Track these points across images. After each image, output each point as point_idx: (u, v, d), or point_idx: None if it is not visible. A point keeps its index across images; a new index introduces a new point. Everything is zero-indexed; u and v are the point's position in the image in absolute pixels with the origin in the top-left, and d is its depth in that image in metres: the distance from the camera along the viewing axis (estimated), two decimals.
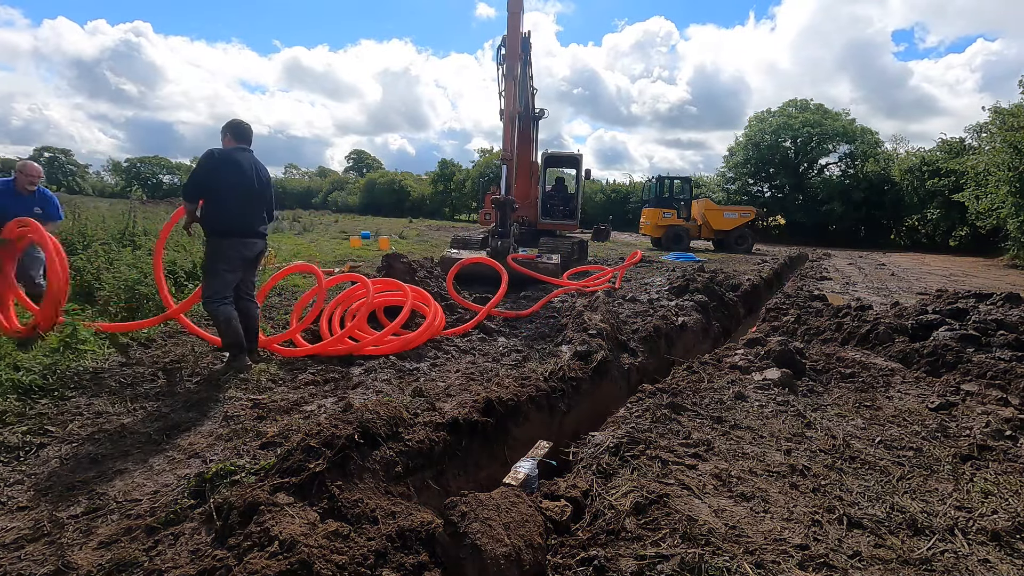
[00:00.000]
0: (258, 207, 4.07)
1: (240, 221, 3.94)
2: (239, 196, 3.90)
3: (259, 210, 4.09)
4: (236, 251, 3.94)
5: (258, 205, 4.07)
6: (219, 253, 3.89)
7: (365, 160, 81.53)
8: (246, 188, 3.94)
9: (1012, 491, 2.39)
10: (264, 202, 4.13)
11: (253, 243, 4.05)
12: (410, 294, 5.20)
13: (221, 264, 3.89)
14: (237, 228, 3.94)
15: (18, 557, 1.92)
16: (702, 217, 21.46)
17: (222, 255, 3.89)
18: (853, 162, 36.11)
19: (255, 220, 4.06)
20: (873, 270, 15.24)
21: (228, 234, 3.90)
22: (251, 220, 4.02)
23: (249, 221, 4.00)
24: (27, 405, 3.10)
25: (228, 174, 3.86)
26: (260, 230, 4.11)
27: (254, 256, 4.13)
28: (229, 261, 3.91)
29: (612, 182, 48.41)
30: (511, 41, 8.21)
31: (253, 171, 4.02)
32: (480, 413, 2.99)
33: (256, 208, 4.05)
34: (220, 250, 3.89)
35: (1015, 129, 17.94)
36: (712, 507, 2.10)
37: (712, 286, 7.82)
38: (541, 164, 13.49)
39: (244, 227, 3.98)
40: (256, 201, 4.04)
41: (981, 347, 4.45)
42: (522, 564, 1.76)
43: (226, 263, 3.90)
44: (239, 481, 2.39)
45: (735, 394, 3.48)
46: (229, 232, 3.90)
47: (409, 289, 5.33)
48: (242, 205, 3.93)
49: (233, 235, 3.92)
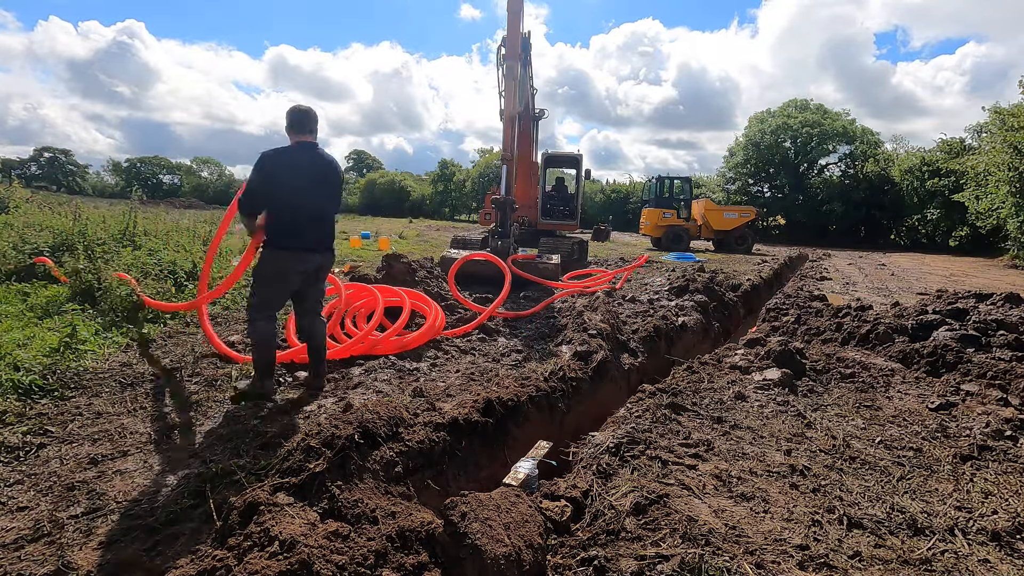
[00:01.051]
0: (319, 215, 3.52)
1: (293, 233, 3.41)
2: (292, 203, 3.38)
3: (321, 218, 3.53)
4: (288, 265, 3.43)
5: (319, 213, 3.51)
6: (268, 264, 3.43)
7: (365, 160, 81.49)
8: (302, 193, 3.40)
9: (1012, 491, 2.39)
10: (328, 209, 3.60)
11: (309, 257, 3.49)
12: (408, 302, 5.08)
13: (269, 276, 3.44)
14: (291, 241, 3.41)
15: (18, 557, 1.92)
16: (702, 217, 21.47)
17: (272, 267, 3.43)
18: (853, 162, 36.17)
19: (313, 231, 3.49)
20: (873, 270, 15.25)
21: (280, 246, 3.41)
22: (307, 231, 3.46)
23: (304, 232, 3.44)
24: (27, 405, 3.10)
25: (282, 178, 3.34)
26: (322, 242, 3.57)
27: (313, 270, 3.56)
28: (279, 275, 3.44)
29: (612, 182, 48.49)
30: (511, 41, 8.21)
31: (314, 172, 3.45)
32: (480, 413, 3.00)
33: (316, 216, 3.49)
34: (270, 261, 3.43)
35: (1015, 129, 17.95)
36: (712, 507, 2.10)
37: (712, 286, 7.82)
38: (541, 164, 13.48)
39: (299, 240, 3.43)
40: (315, 208, 3.48)
41: (981, 347, 4.45)
42: (522, 564, 1.76)
43: (275, 277, 3.44)
44: (239, 481, 2.39)
45: (735, 394, 3.48)
46: (282, 245, 3.41)
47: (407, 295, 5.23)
48: (295, 213, 3.40)
49: (287, 247, 3.42)
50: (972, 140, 27.61)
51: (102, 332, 4.41)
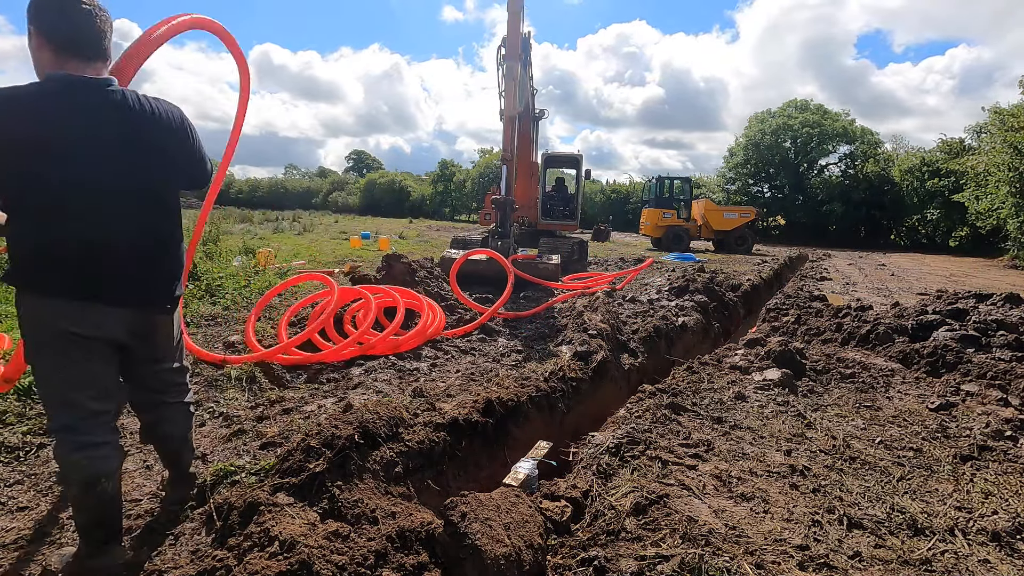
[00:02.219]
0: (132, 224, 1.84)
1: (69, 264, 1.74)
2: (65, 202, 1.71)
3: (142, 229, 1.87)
4: (60, 325, 1.73)
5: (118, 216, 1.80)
6: (29, 323, 1.78)
7: (365, 160, 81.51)
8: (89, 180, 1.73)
9: (1012, 491, 2.39)
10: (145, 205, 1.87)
11: (110, 314, 1.81)
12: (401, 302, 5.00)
13: (37, 346, 1.79)
14: (57, 279, 1.73)
15: (18, 557, 1.92)
16: (702, 217, 21.48)
17: (34, 328, 1.78)
18: (853, 162, 36.19)
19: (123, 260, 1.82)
20: (873, 270, 15.25)
21: (39, 289, 1.74)
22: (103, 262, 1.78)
23: (96, 265, 1.77)
24: (27, 405, 3.10)
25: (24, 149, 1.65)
26: (142, 286, 1.89)
27: (124, 333, 1.87)
28: (50, 343, 1.76)
29: (612, 182, 48.53)
30: (511, 42, 8.21)
31: (105, 131, 1.73)
32: (480, 413, 3.00)
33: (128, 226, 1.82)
34: (28, 318, 1.78)
35: (1015, 129, 17.96)
36: (712, 507, 2.10)
37: (712, 286, 7.82)
38: (541, 165, 13.49)
39: (74, 277, 1.74)
40: (128, 209, 1.82)
41: (981, 347, 4.45)
42: (522, 564, 1.76)
43: (46, 346, 1.77)
44: (239, 481, 2.39)
45: (735, 394, 3.48)
46: (39, 286, 1.74)
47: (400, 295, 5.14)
48: (77, 224, 1.74)
49: (49, 292, 1.73)
50: (972, 140, 27.62)
51: None
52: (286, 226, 21.70)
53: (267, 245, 12.22)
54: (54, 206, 1.71)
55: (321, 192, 63.70)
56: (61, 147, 1.67)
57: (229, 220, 22.63)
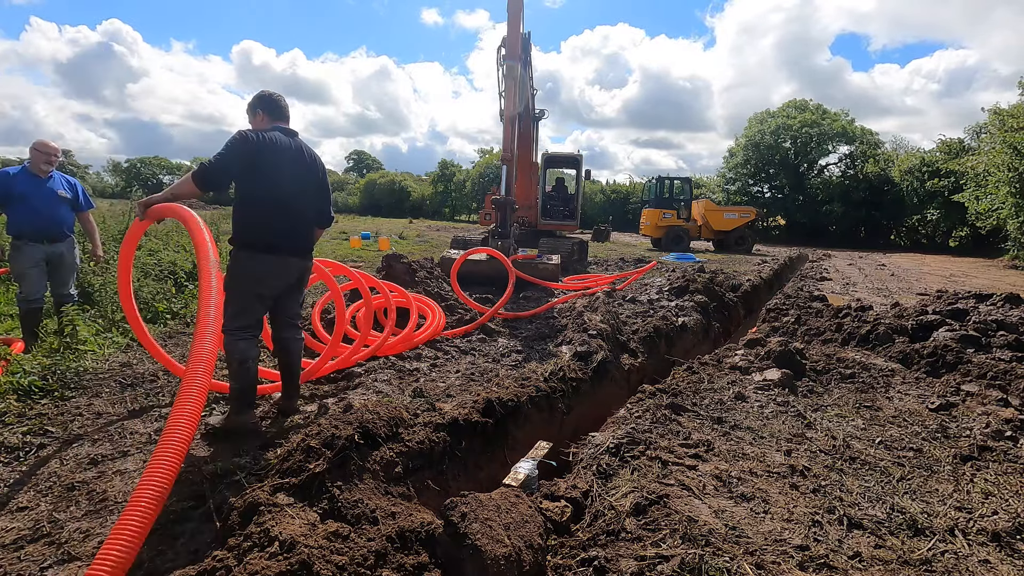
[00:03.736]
0: (302, 214, 3.11)
1: (275, 232, 2.97)
2: (276, 197, 2.94)
3: (304, 218, 3.13)
4: (267, 271, 2.97)
5: (302, 211, 3.10)
6: (242, 268, 2.93)
7: (365, 160, 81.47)
8: (287, 186, 2.96)
9: (1012, 491, 2.39)
10: (313, 209, 3.19)
11: (291, 262, 3.07)
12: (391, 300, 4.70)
13: (243, 283, 2.93)
14: (272, 242, 2.96)
15: (18, 557, 1.92)
16: (702, 218, 21.49)
17: (247, 273, 2.93)
18: (853, 163, 36.20)
19: (297, 232, 3.08)
20: (873, 271, 15.25)
21: (259, 248, 2.93)
22: (291, 231, 3.03)
23: (287, 233, 3.01)
24: (27, 405, 3.10)
25: (266, 166, 2.87)
26: (304, 246, 3.16)
27: (296, 278, 3.15)
28: (255, 283, 2.96)
29: (612, 182, 48.53)
30: (511, 42, 8.20)
31: (300, 164, 3.04)
32: (480, 414, 3.00)
33: (299, 215, 3.08)
34: (245, 266, 2.93)
35: (1015, 130, 17.96)
36: (712, 507, 2.10)
37: (712, 287, 7.82)
38: (541, 165, 13.49)
39: (280, 241, 2.99)
40: (300, 206, 3.08)
41: (981, 347, 4.45)
42: (522, 565, 1.76)
43: (251, 285, 2.95)
44: (239, 481, 2.39)
45: (735, 395, 3.48)
46: (260, 247, 2.94)
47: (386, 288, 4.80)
48: (279, 209, 2.97)
49: (267, 251, 2.95)
50: (971, 140, 27.63)
51: (102, 332, 4.41)
52: None
53: None
54: (272, 196, 2.95)
55: None
56: (282, 163, 2.97)
57: (229, 220, 22.57)
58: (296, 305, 3.28)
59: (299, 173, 3.05)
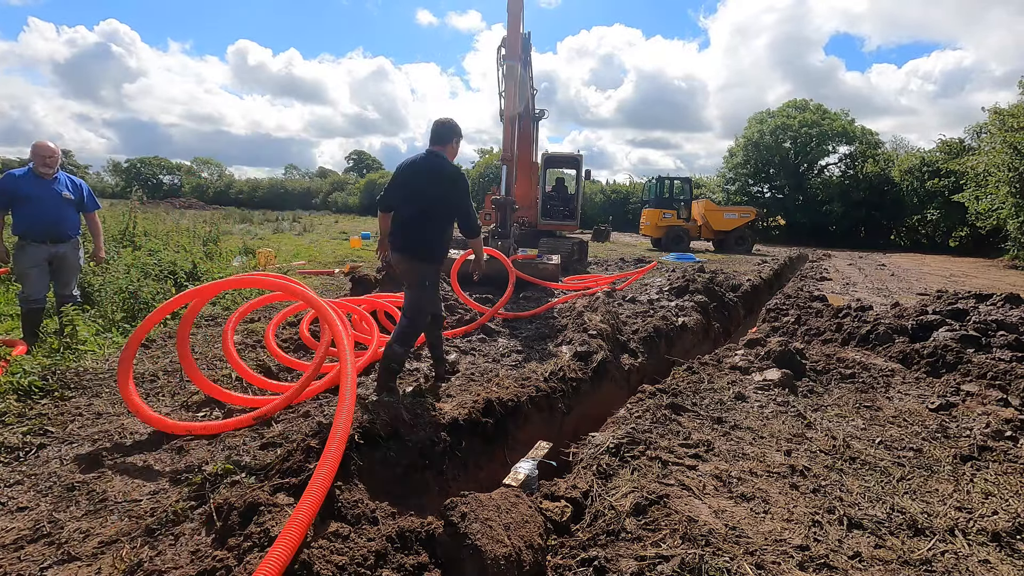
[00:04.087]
0: (421, 220, 3.55)
1: (400, 236, 3.57)
2: (404, 209, 3.57)
3: (423, 224, 3.56)
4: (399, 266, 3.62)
5: (421, 218, 3.55)
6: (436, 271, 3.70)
7: (365, 161, 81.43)
8: (412, 200, 3.54)
9: (1012, 492, 2.39)
10: (432, 215, 3.58)
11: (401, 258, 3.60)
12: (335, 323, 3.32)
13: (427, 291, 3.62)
14: (397, 244, 3.58)
15: (18, 557, 1.92)
16: (702, 217, 21.47)
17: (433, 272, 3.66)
18: (853, 163, 36.15)
19: (413, 237, 3.55)
20: (873, 271, 15.24)
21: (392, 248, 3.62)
22: (407, 236, 3.56)
23: (403, 237, 3.56)
24: (27, 405, 3.10)
25: (401, 184, 3.58)
26: (414, 249, 3.57)
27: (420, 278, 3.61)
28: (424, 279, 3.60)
29: (612, 182, 48.52)
30: (511, 42, 8.20)
31: (425, 179, 3.54)
32: (480, 414, 3.00)
33: (418, 222, 3.55)
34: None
35: (1015, 130, 17.96)
36: (712, 507, 2.10)
37: (712, 287, 7.82)
38: (541, 165, 13.47)
39: (401, 243, 3.57)
40: (420, 213, 3.54)
41: (981, 347, 4.46)
42: (522, 565, 1.76)
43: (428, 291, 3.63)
44: (239, 481, 2.39)
45: (735, 395, 3.48)
46: (394, 247, 3.60)
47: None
48: (404, 219, 3.56)
49: (396, 250, 3.60)
50: (971, 140, 27.62)
51: (102, 332, 4.41)
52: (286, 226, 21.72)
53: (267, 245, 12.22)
54: (410, 208, 3.57)
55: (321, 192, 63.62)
56: (416, 180, 3.57)
57: (229, 220, 22.62)
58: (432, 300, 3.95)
59: (421, 186, 3.63)
